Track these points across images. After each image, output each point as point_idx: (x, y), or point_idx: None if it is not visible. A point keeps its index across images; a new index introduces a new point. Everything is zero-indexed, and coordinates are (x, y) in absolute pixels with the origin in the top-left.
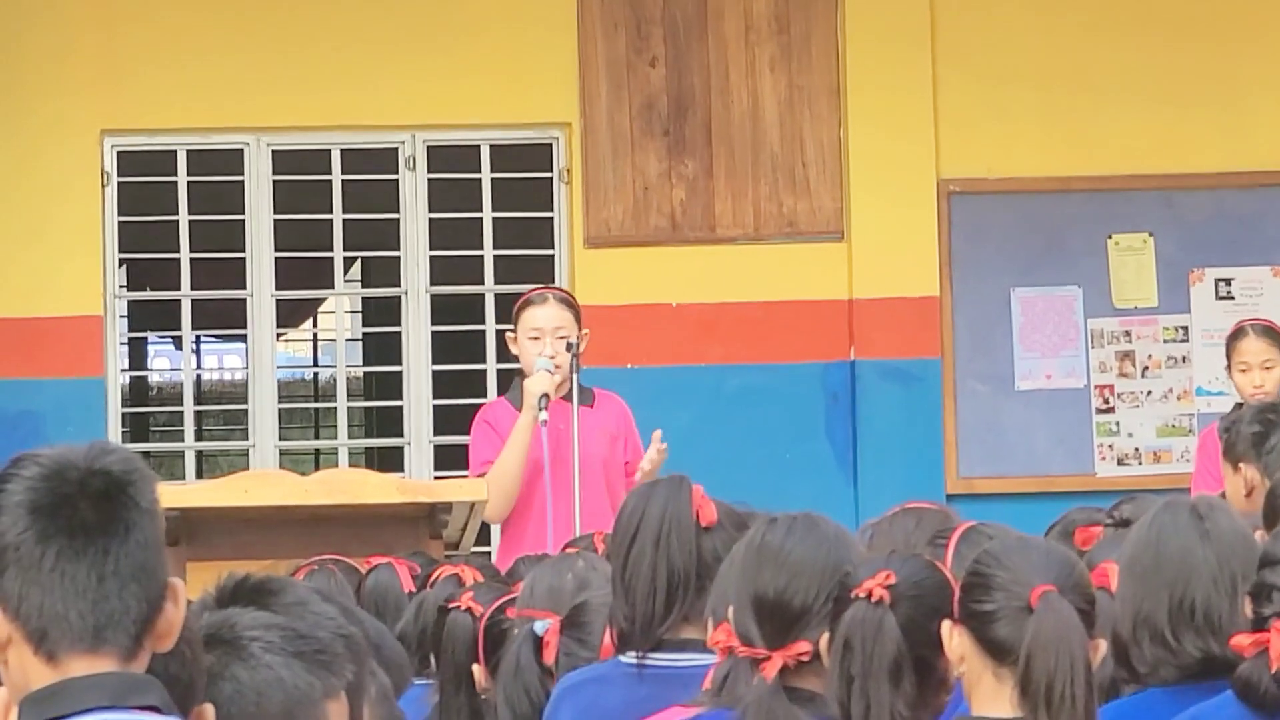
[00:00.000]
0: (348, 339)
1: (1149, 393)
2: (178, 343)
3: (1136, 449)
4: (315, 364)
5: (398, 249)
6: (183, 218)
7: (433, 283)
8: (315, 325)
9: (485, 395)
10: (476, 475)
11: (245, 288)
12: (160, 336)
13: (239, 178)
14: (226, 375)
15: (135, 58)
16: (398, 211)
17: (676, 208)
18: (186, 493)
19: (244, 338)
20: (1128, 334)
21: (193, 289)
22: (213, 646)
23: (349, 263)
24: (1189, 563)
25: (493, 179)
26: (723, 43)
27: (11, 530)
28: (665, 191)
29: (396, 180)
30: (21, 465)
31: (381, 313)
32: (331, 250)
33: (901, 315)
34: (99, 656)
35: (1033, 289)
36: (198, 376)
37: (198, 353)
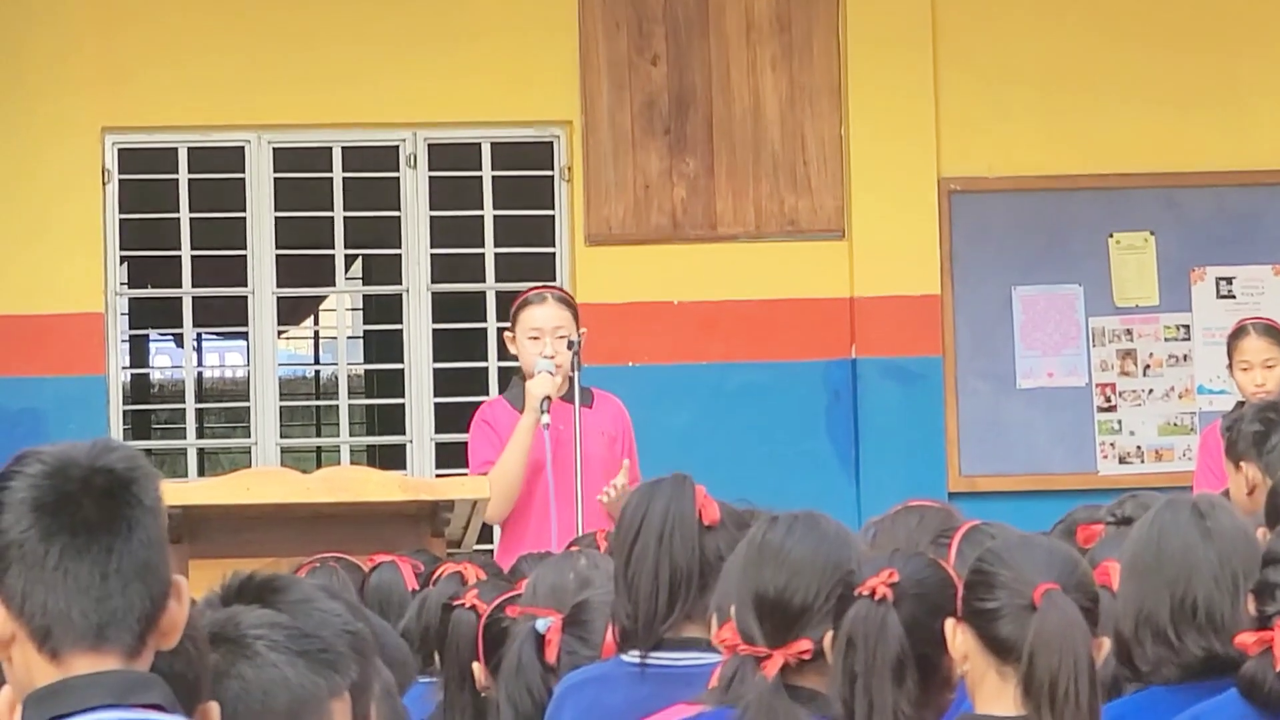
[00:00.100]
0: (349, 336)
1: (1150, 391)
2: (179, 340)
3: (1138, 447)
4: (317, 361)
5: (399, 247)
6: (184, 215)
7: (434, 280)
8: (316, 323)
9: (487, 393)
10: (476, 475)
11: (246, 285)
12: (161, 334)
13: (240, 175)
14: (228, 373)
15: (136, 55)
16: (399, 209)
17: (678, 206)
18: (188, 490)
19: (245, 335)
20: (1129, 332)
21: (194, 286)
22: (217, 645)
23: (350, 260)
24: (1191, 561)
25: (494, 177)
26: (724, 41)
27: (15, 528)
28: (666, 190)
29: (397, 178)
30: (25, 463)
31: (382, 310)
32: (333, 248)
33: (903, 313)
34: (102, 654)
35: (1034, 287)
36: (199, 374)
37: (199, 350)
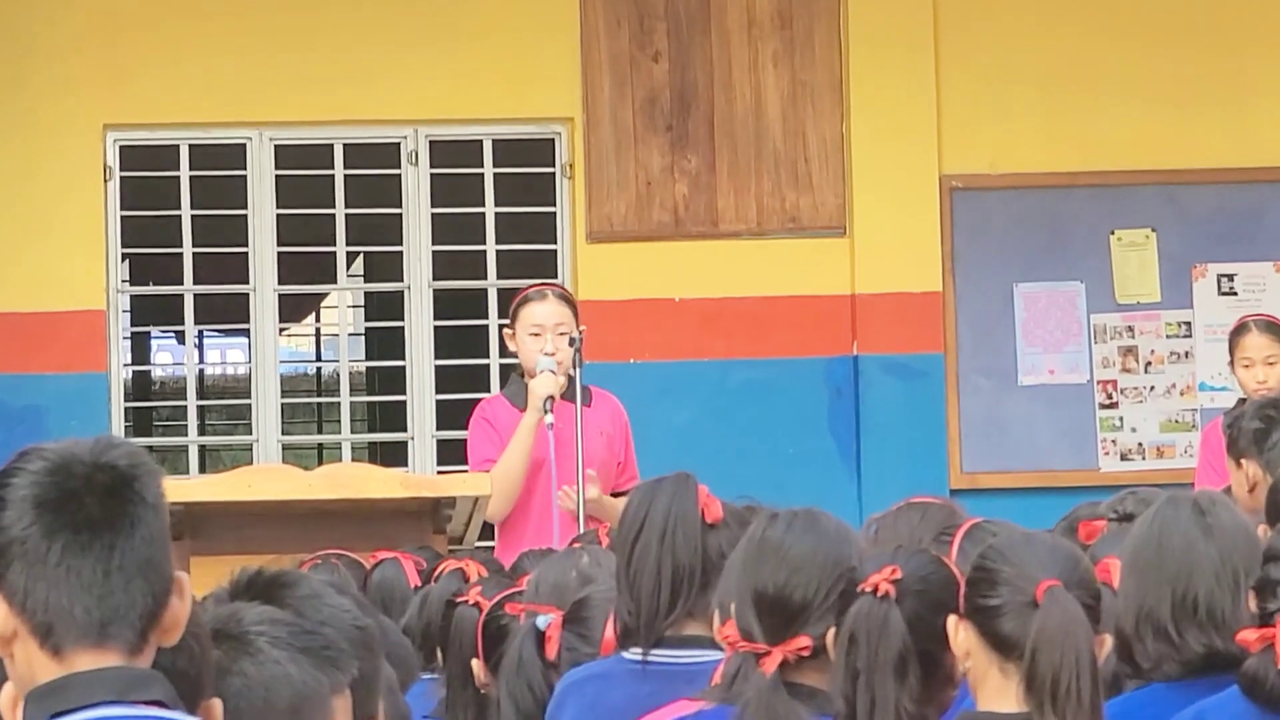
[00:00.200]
0: (350, 334)
1: (1152, 388)
2: (180, 337)
3: (1140, 444)
4: (318, 359)
5: (400, 244)
6: (185, 212)
7: (435, 278)
8: (318, 320)
9: (488, 390)
10: (478, 472)
11: (248, 282)
12: (163, 331)
13: (241, 172)
14: (229, 370)
15: (138, 53)
16: (400, 206)
17: (679, 203)
18: (190, 487)
19: (247, 332)
20: (1130, 329)
21: (195, 283)
22: (219, 641)
23: (351, 257)
24: (1191, 558)
25: (495, 174)
26: (725, 38)
27: (17, 525)
28: (668, 186)
29: (399, 175)
30: (27, 459)
31: (384, 307)
32: (334, 245)
33: (904, 310)
34: (104, 651)
35: (1035, 284)
36: (200, 371)
37: (200, 347)
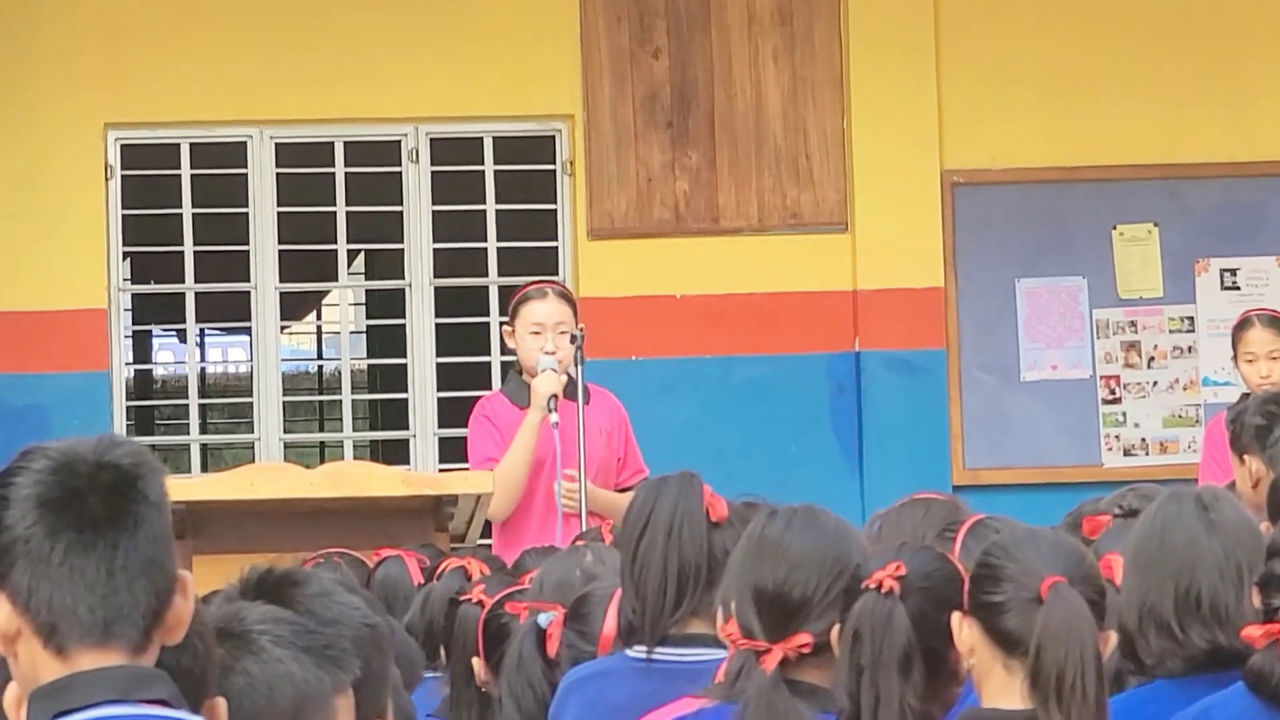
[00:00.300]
0: (352, 331)
1: (1155, 383)
2: (182, 336)
3: (1143, 439)
4: (320, 357)
5: (401, 241)
6: (186, 211)
7: (436, 275)
8: (319, 318)
9: (490, 387)
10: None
11: (249, 280)
12: (164, 329)
13: (242, 171)
14: (231, 368)
15: (139, 52)
16: (401, 204)
17: (680, 199)
18: (192, 486)
19: (248, 330)
20: (1133, 324)
21: (197, 282)
22: (222, 640)
23: (352, 255)
24: (1194, 553)
25: (496, 171)
26: (726, 34)
27: (20, 524)
28: (669, 183)
29: (400, 173)
30: (30, 458)
31: (385, 305)
32: (335, 243)
33: (906, 306)
34: (108, 650)
35: (1037, 280)
36: (202, 369)
37: (202, 346)
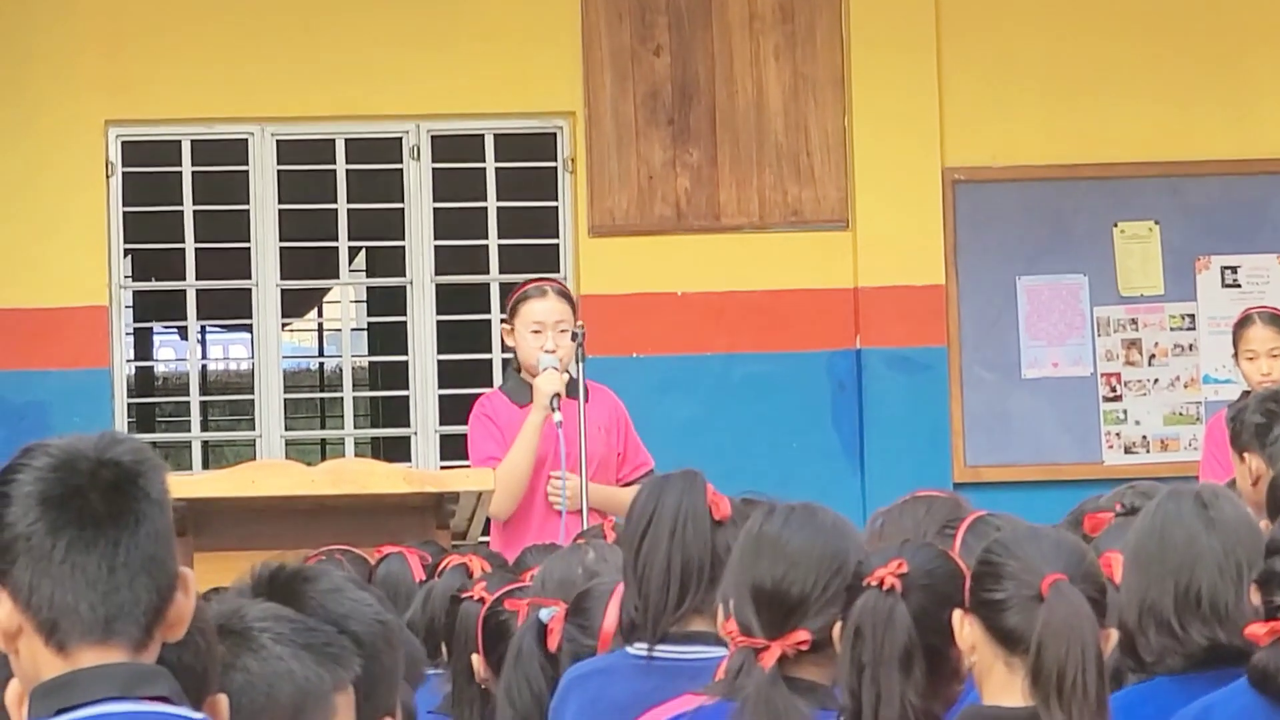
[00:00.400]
0: (353, 329)
1: (1156, 381)
2: (183, 333)
3: (1144, 437)
4: (321, 354)
5: (403, 239)
6: (187, 208)
7: (438, 272)
8: (320, 315)
9: (491, 384)
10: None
11: (250, 277)
12: (165, 327)
13: (243, 168)
14: (232, 365)
15: (139, 49)
16: (402, 201)
17: (681, 196)
18: (193, 483)
19: (249, 328)
20: (1134, 322)
21: (198, 279)
22: (222, 637)
23: (354, 252)
24: (1194, 551)
25: (497, 168)
26: (727, 31)
27: (22, 521)
28: (670, 180)
29: (401, 170)
30: (31, 455)
31: (386, 302)
32: (336, 240)
33: (907, 304)
34: (109, 647)
35: (1038, 277)
36: (203, 367)
37: (203, 343)
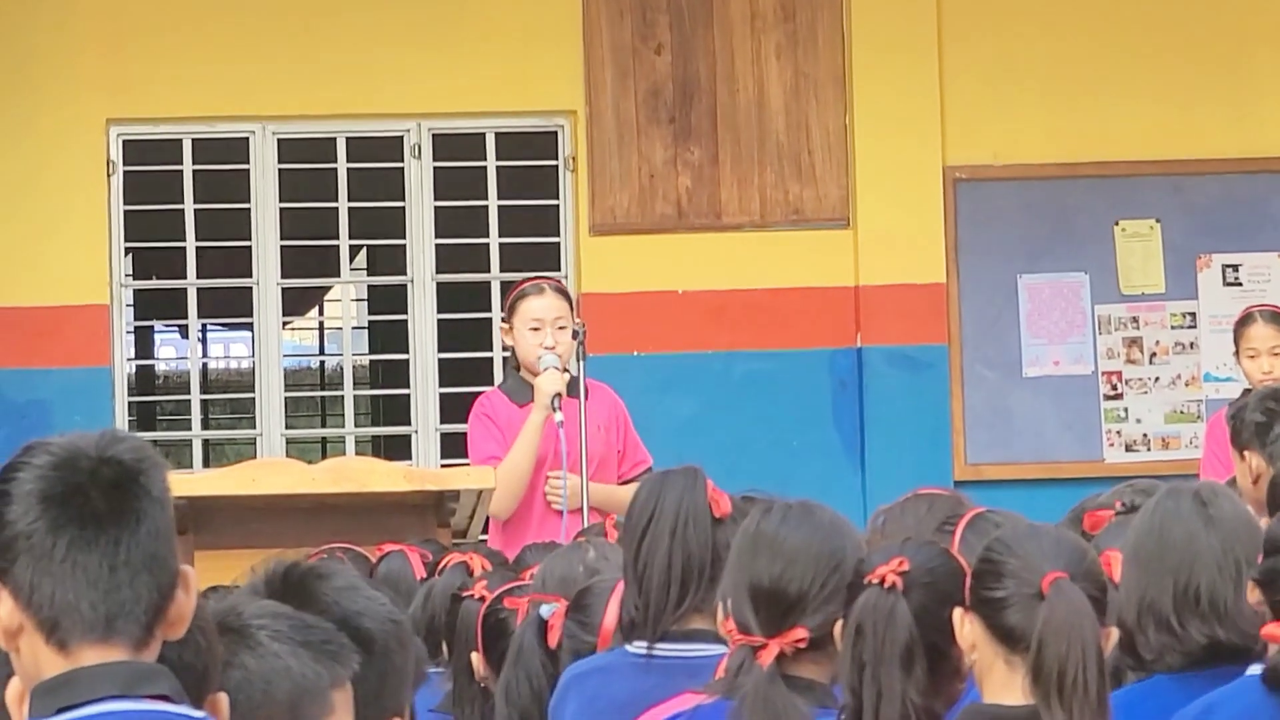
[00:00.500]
0: (354, 327)
1: (1157, 379)
2: (184, 331)
3: (1145, 435)
4: (321, 352)
5: (403, 237)
6: (188, 206)
7: (438, 271)
8: (321, 313)
9: (492, 382)
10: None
11: (251, 276)
12: (166, 325)
13: (244, 166)
14: (233, 364)
15: (140, 47)
16: (403, 199)
17: (682, 195)
18: (194, 481)
19: (250, 326)
20: (1135, 320)
21: (199, 277)
22: (219, 634)
23: (355, 251)
24: (1193, 549)
25: (498, 167)
26: (728, 30)
27: (23, 519)
28: (671, 179)
29: (402, 168)
30: (32, 453)
31: (387, 301)
32: (337, 238)
33: (908, 302)
34: (110, 646)
35: (1040, 275)
36: (204, 365)
37: (204, 341)
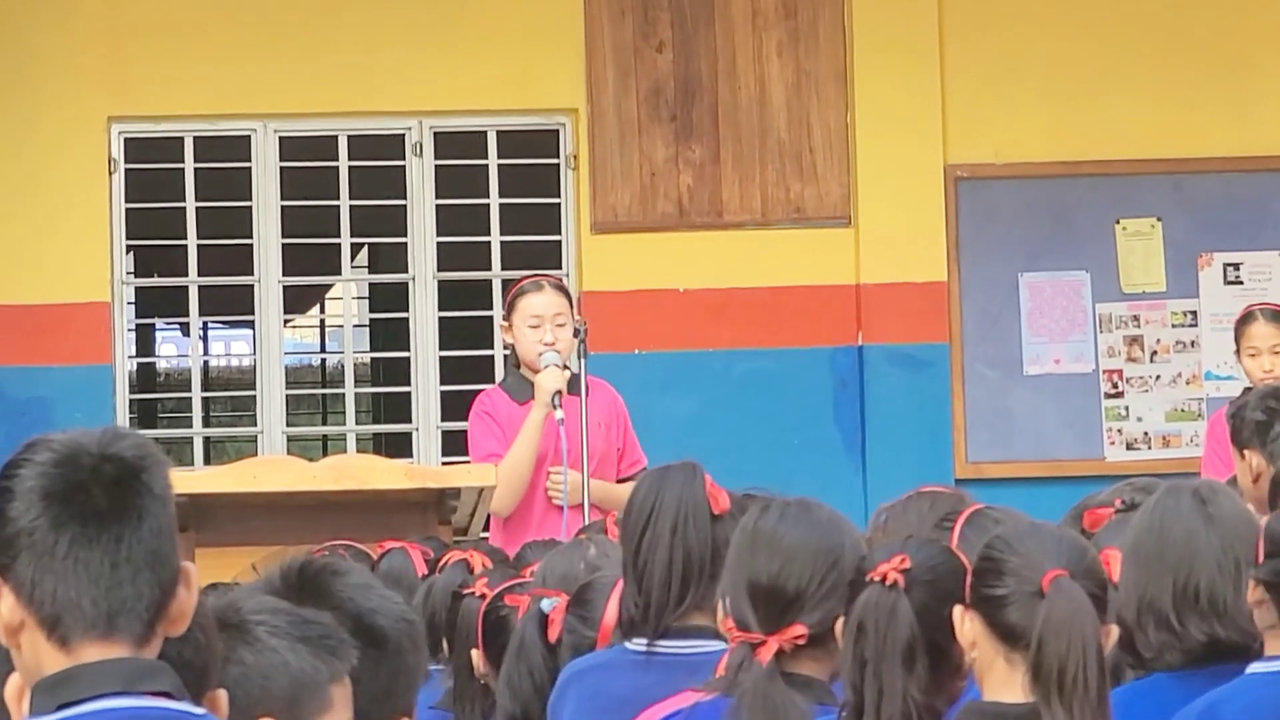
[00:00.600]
0: (355, 325)
1: (1158, 377)
2: (185, 329)
3: (1146, 433)
4: (323, 350)
5: (405, 235)
6: (190, 204)
7: (440, 268)
8: (323, 311)
9: (493, 381)
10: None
11: (253, 274)
12: (168, 323)
13: (246, 164)
14: (234, 361)
15: (142, 45)
16: (405, 197)
17: (684, 193)
18: (195, 479)
19: (251, 324)
20: (1136, 319)
21: (200, 275)
22: (218, 630)
23: (356, 249)
24: (1193, 546)
25: (500, 165)
26: (730, 28)
27: (25, 516)
28: (672, 177)
29: (403, 166)
30: (34, 450)
31: (389, 298)
32: (339, 236)
33: (909, 300)
34: (111, 643)
35: (1041, 274)
36: (205, 363)
37: (205, 339)
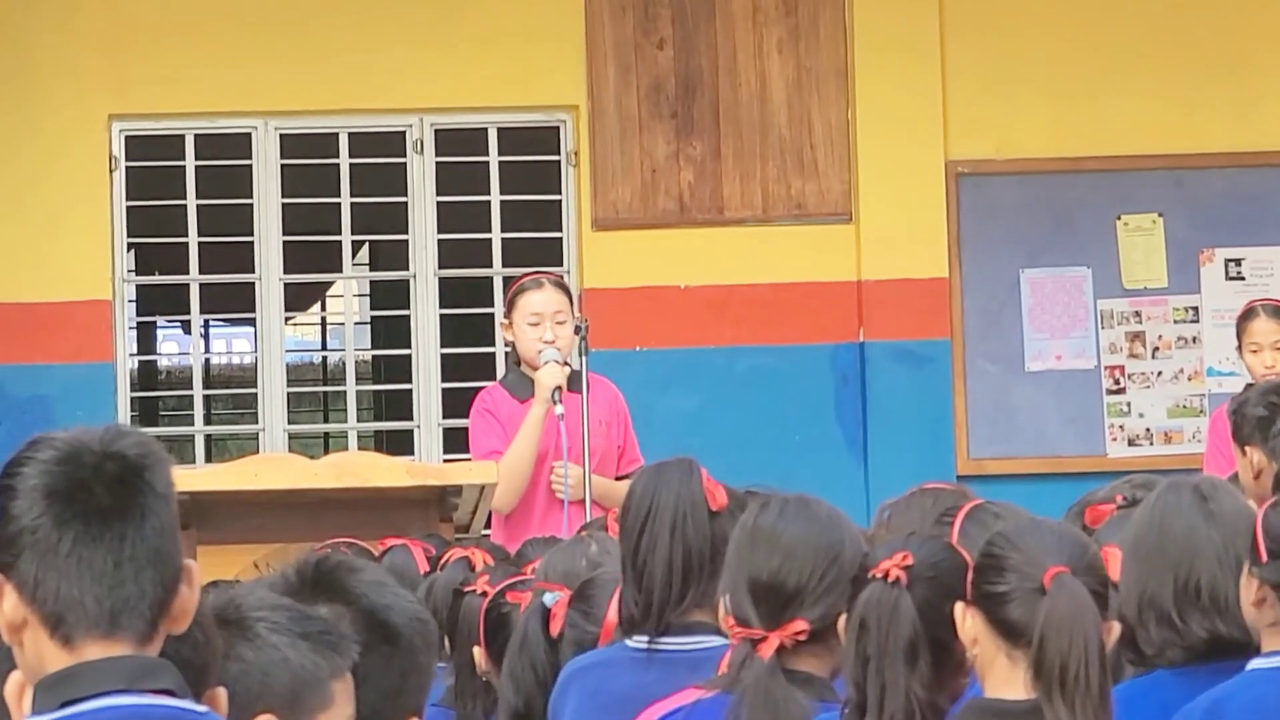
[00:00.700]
0: (356, 322)
1: (1159, 373)
2: (186, 327)
3: (1147, 429)
4: (324, 347)
5: (406, 232)
6: (191, 202)
7: (441, 266)
8: (324, 309)
9: (494, 378)
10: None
11: (254, 271)
12: (169, 321)
13: (247, 162)
14: (235, 359)
15: (142, 43)
16: (406, 195)
17: (684, 190)
18: (196, 477)
19: (252, 321)
20: (1138, 314)
21: (201, 273)
22: (218, 627)
23: (357, 246)
24: (1194, 543)
25: (500, 162)
26: (730, 24)
27: (28, 514)
28: (673, 174)
29: (404, 164)
30: (37, 448)
31: (390, 296)
32: (340, 234)
33: (910, 297)
34: (114, 641)
35: (1042, 270)
36: (206, 360)
37: (206, 337)
